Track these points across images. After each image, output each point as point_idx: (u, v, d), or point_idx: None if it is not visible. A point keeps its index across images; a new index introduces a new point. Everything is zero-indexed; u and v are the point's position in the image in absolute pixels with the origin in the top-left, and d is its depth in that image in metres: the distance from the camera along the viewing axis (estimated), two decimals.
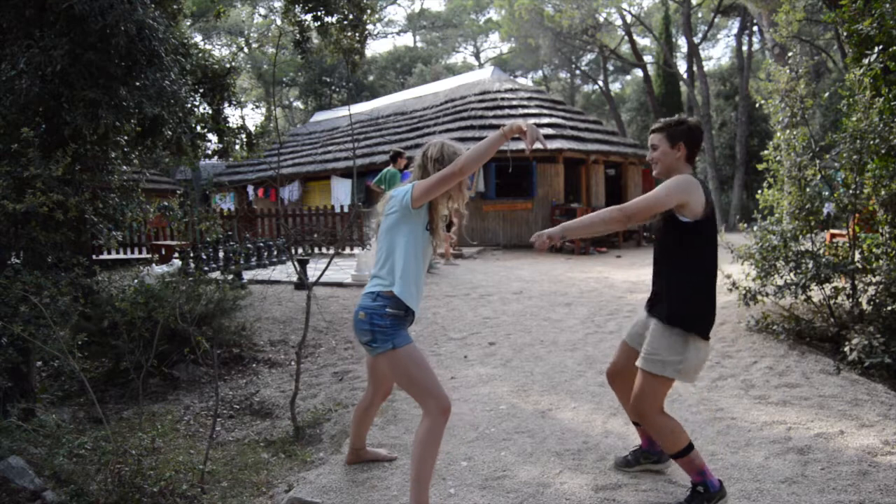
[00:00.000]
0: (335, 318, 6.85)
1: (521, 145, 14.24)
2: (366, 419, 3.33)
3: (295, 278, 8.58)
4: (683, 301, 2.71)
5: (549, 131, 14.54)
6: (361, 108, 22.78)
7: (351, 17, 8.62)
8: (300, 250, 11.47)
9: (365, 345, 2.85)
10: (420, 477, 2.70)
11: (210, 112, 7.59)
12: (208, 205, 20.69)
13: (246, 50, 37.08)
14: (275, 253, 10.88)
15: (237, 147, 8.13)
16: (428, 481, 2.73)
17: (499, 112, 15.65)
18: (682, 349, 2.68)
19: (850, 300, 5.38)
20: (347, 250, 12.68)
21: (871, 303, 5.18)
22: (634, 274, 9.91)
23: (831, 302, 5.46)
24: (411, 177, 3.02)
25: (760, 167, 6.39)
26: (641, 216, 2.71)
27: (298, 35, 8.67)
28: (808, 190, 5.75)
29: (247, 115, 45.23)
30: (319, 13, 8.36)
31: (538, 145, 2.72)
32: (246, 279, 8.30)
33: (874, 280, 5.25)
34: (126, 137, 5.92)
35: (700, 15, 32.11)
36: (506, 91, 16.73)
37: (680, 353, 2.68)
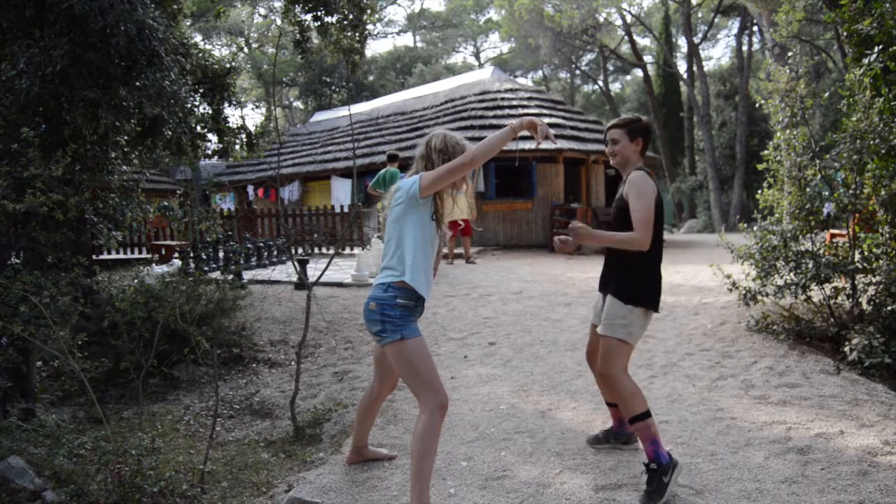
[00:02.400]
0: (335, 318, 6.85)
1: (527, 144, 14.27)
2: (370, 414, 3.34)
3: (295, 278, 8.58)
4: (635, 280, 3.12)
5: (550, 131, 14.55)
6: (361, 108, 22.77)
7: (351, 17, 8.62)
8: (300, 250, 11.46)
9: (375, 335, 2.88)
10: (421, 472, 2.71)
11: (210, 112, 7.60)
12: (208, 205, 20.69)
13: (246, 50, 37.08)
14: (275, 253, 10.87)
15: (237, 147, 8.14)
16: (429, 477, 2.75)
17: (499, 112, 15.65)
18: (634, 318, 3.10)
19: (850, 300, 5.38)
20: (347, 250, 12.68)
21: (871, 303, 5.18)
22: None
23: (831, 302, 5.46)
24: (413, 169, 3.04)
25: (760, 167, 6.39)
26: (651, 225, 3.03)
27: (298, 35, 8.68)
28: (808, 190, 5.75)
29: (247, 115, 45.26)
30: (319, 13, 8.36)
31: (548, 144, 2.79)
32: (246, 279, 8.30)
33: (874, 280, 5.25)
34: (126, 137, 5.93)
35: (700, 15, 32.11)
36: (506, 91, 16.73)
37: (631, 322, 3.10)
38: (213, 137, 7.92)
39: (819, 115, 20.69)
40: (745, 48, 28.04)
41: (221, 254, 9.06)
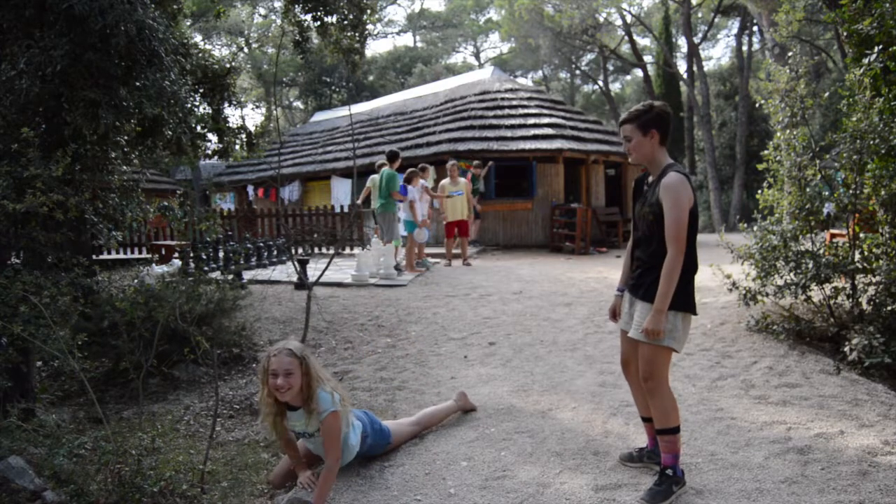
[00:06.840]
0: (335, 318, 6.84)
1: (522, 145, 14.32)
2: None
3: (295, 278, 8.58)
4: (678, 287, 2.97)
5: (549, 131, 14.55)
6: (361, 108, 22.77)
7: (351, 17, 8.61)
8: (300, 250, 11.47)
9: None
10: None
11: (210, 112, 7.59)
12: (208, 205, 20.70)
13: (246, 50, 37.10)
14: (275, 253, 10.87)
15: (237, 147, 8.13)
16: None
17: (499, 112, 15.64)
18: (677, 323, 2.98)
19: (850, 300, 5.38)
20: (347, 250, 12.67)
21: (871, 303, 5.18)
22: None
23: (831, 302, 5.46)
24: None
25: (760, 167, 6.39)
26: (685, 239, 2.92)
27: (298, 35, 8.67)
28: (808, 190, 5.76)
29: (247, 115, 45.27)
30: (319, 13, 8.35)
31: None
32: (246, 279, 8.30)
33: (874, 280, 5.25)
34: (126, 137, 5.92)
35: (700, 15, 32.11)
36: (506, 91, 16.73)
37: (675, 326, 2.98)
38: (213, 137, 7.91)
39: (819, 115, 20.70)
40: (745, 48, 28.07)
41: (221, 254, 9.07)
